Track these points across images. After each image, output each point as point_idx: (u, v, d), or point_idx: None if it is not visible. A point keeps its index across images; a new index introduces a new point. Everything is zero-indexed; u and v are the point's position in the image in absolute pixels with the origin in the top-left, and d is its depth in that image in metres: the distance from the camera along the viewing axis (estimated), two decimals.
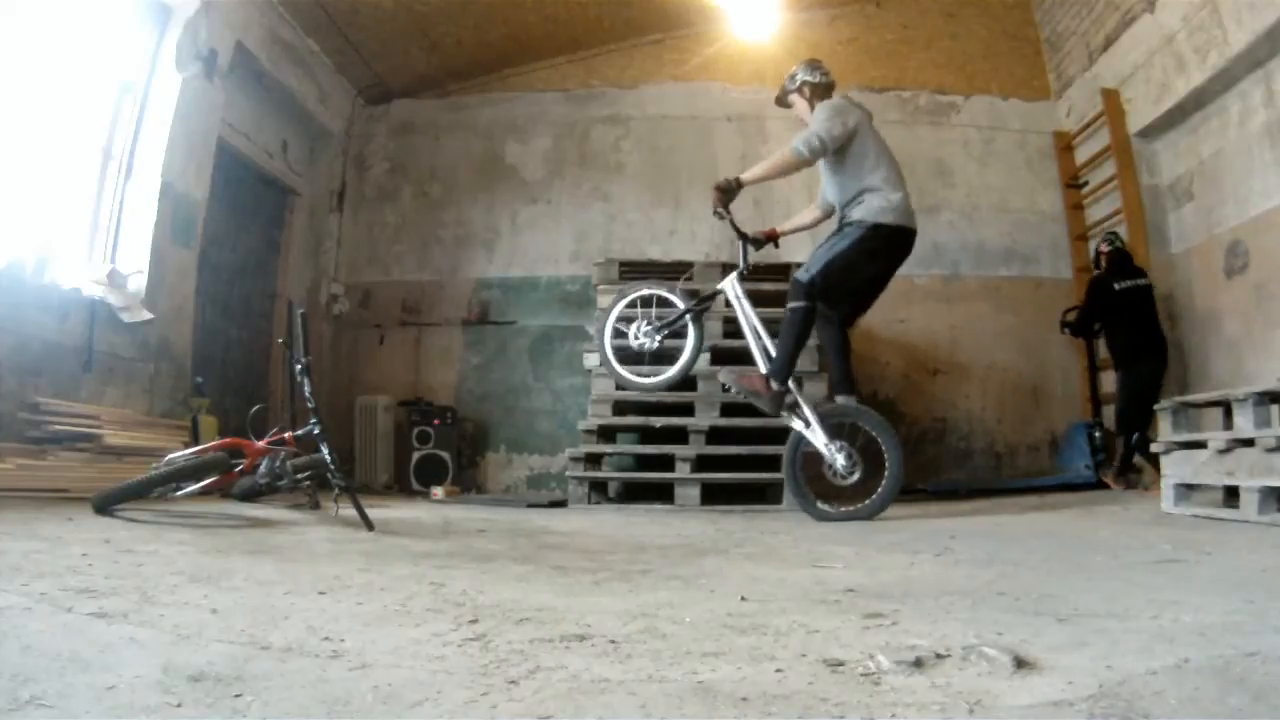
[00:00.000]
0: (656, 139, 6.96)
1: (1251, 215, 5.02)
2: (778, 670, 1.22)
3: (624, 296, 4.25)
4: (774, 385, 3.83)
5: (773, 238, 4.30)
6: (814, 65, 4.13)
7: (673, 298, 4.15)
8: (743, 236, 4.07)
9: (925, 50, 6.92)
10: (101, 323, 4.28)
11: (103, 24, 4.49)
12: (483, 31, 6.45)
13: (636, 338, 4.12)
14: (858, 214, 3.82)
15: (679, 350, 4.17)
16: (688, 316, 4.08)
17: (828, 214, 4.22)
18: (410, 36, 6.34)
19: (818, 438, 3.80)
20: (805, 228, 4.44)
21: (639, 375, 4.25)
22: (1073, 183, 6.56)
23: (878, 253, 3.82)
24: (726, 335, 5.11)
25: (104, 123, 4.64)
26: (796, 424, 3.87)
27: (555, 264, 6.82)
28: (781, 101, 4.24)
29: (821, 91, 4.08)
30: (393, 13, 5.99)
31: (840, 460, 3.77)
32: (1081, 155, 6.48)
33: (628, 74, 7.05)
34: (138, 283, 4.58)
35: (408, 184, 7.08)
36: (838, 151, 3.87)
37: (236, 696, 1.06)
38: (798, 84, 4.11)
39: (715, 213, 3.95)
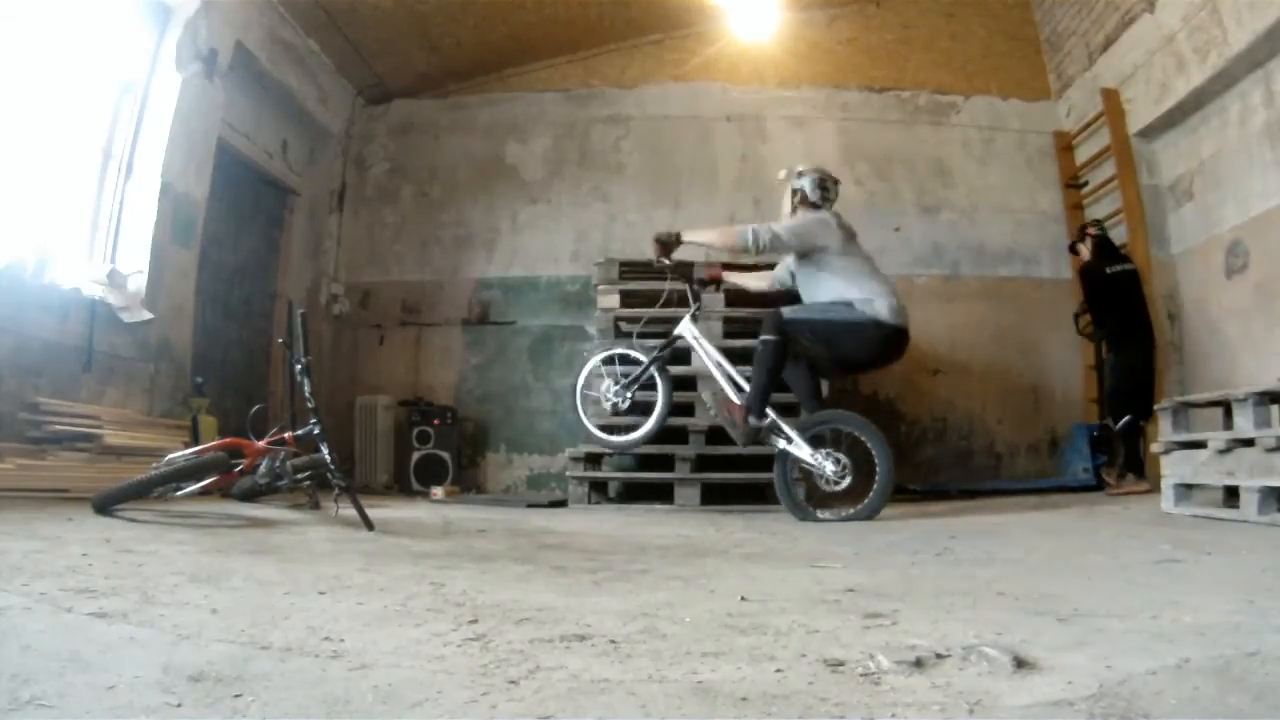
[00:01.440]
0: (657, 139, 6.96)
1: (1251, 215, 5.01)
2: (778, 670, 1.22)
3: (588, 361, 4.46)
4: (751, 420, 3.88)
5: (716, 280, 4.43)
6: (823, 183, 4.13)
7: (635, 354, 4.31)
8: (688, 280, 4.23)
9: (925, 50, 6.92)
10: (101, 323, 4.28)
11: (103, 24, 4.49)
12: (483, 31, 6.45)
13: (607, 398, 4.25)
14: (863, 309, 3.82)
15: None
16: (653, 368, 4.18)
17: (777, 292, 4.33)
18: (410, 36, 6.34)
19: (802, 451, 3.82)
20: (748, 290, 4.56)
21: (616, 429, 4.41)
22: (1073, 183, 6.56)
23: (866, 345, 3.87)
24: (727, 335, 5.11)
25: (104, 123, 4.64)
26: (780, 443, 3.89)
27: (555, 264, 6.82)
28: (781, 186, 4.28)
29: (812, 208, 4.11)
30: (393, 13, 5.99)
31: (829, 467, 3.77)
32: (1081, 155, 6.48)
33: (628, 74, 7.05)
34: (138, 283, 4.58)
35: (408, 184, 7.07)
36: (808, 259, 3.95)
37: (236, 696, 1.06)
38: (793, 189, 4.16)
39: (657, 262, 4.07)
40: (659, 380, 4.17)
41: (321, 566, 2.17)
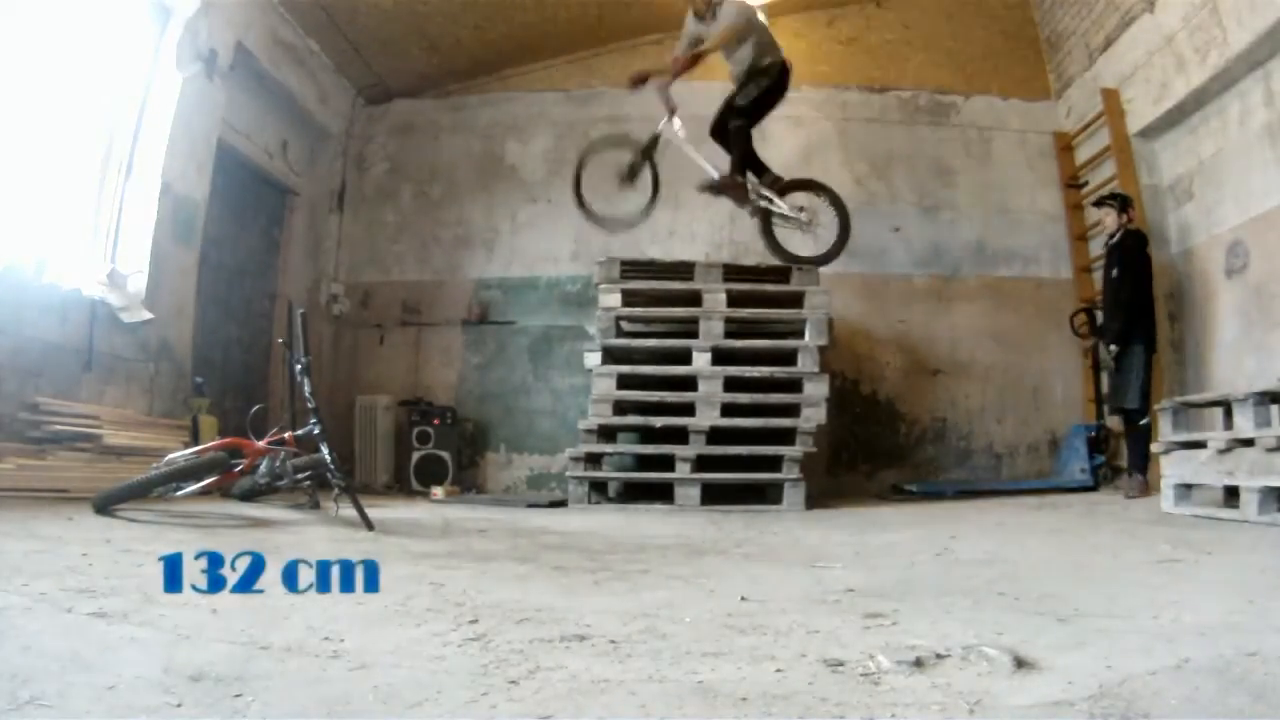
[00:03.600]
0: None
1: (1251, 215, 5.01)
2: (778, 670, 1.22)
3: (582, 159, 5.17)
4: (737, 179, 4.85)
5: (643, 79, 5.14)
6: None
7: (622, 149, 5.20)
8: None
9: (925, 50, 6.91)
10: (102, 323, 4.27)
11: (103, 24, 4.49)
12: (483, 31, 6.44)
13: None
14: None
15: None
16: (642, 160, 5.07)
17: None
18: (410, 36, 6.34)
19: (780, 206, 4.78)
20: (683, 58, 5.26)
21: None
22: (1073, 183, 6.56)
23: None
24: (728, 335, 5.12)
25: (104, 123, 4.63)
26: (763, 203, 4.81)
27: (555, 264, 6.81)
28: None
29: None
30: (393, 13, 5.99)
31: (802, 216, 4.77)
32: (1081, 155, 6.47)
33: (628, 74, 7.02)
34: (138, 283, 4.57)
35: (408, 184, 7.07)
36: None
37: (236, 696, 1.06)
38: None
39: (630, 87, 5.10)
40: (645, 168, 5.02)
41: None
